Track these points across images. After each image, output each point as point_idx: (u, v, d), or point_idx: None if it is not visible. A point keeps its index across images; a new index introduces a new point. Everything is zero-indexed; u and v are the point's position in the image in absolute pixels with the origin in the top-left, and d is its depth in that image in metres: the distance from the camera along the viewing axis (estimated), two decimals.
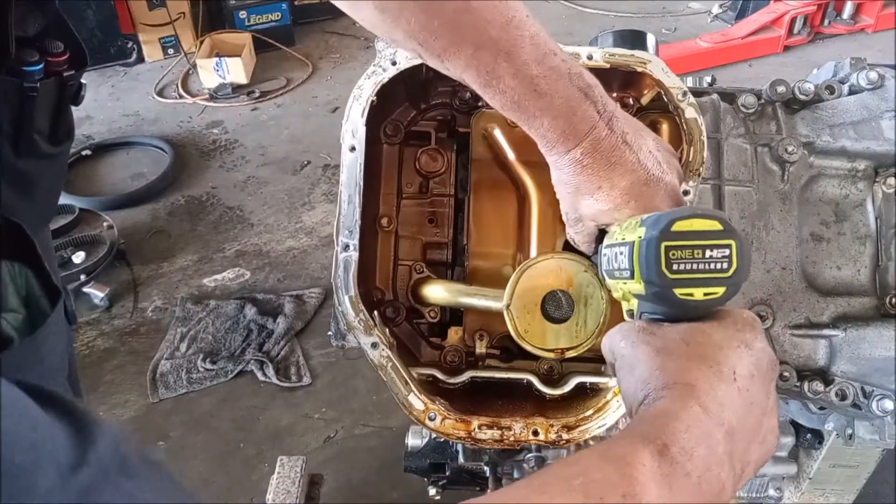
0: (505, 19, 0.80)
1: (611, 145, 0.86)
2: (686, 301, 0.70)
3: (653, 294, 0.73)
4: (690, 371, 0.68)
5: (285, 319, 3.09)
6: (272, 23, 5.22)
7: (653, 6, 5.75)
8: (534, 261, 0.99)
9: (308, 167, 4.13)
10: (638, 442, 0.62)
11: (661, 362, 0.70)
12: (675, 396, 0.66)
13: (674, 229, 0.70)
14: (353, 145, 1.01)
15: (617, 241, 0.79)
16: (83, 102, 1.16)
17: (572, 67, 0.85)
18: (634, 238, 0.73)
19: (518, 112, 0.85)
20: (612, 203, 0.88)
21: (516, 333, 0.99)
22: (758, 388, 0.70)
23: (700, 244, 0.70)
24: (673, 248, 0.70)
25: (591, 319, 0.98)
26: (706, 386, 0.66)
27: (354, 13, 0.85)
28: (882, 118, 1.16)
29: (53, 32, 1.06)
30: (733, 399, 0.67)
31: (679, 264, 0.70)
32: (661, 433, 0.62)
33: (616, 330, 0.78)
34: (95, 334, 3.14)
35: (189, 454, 2.65)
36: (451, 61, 0.82)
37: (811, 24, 5.21)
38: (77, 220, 3.47)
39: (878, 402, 1.11)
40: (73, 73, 1.09)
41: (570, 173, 0.88)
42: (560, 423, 0.99)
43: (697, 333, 0.72)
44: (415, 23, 0.80)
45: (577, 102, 0.84)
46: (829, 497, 1.64)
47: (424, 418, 0.96)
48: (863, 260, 1.16)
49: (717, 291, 0.70)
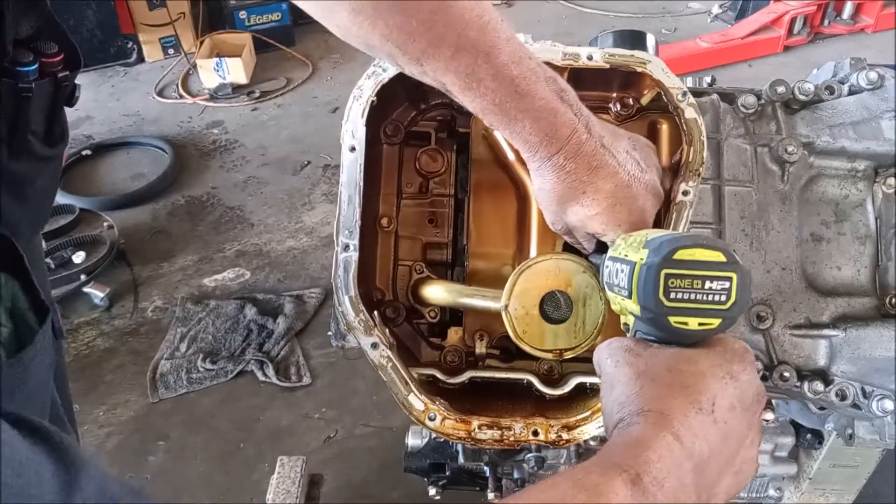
0: (482, 21, 0.80)
1: (592, 149, 0.86)
2: (680, 329, 0.71)
3: (648, 318, 0.73)
4: (667, 399, 0.68)
5: (285, 319, 3.09)
6: (272, 23, 5.22)
7: (653, 6, 5.75)
8: (532, 261, 0.99)
9: (308, 167, 4.13)
10: (611, 470, 0.62)
11: (640, 387, 0.70)
12: (649, 424, 0.66)
13: (676, 257, 0.70)
14: (353, 145, 1.01)
15: (620, 257, 0.79)
16: (83, 102, 1.15)
17: (546, 71, 0.85)
18: (636, 259, 0.74)
19: (499, 115, 0.84)
20: (598, 207, 0.88)
21: (514, 334, 0.99)
22: (737, 421, 0.70)
23: (700, 275, 0.70)
24: (672, 277, 0.70)
25: (589, 320, 0.98)
26: (681, 415, 0.67)
27: (328, 18, 0.83)
28: (882, 118, 1.16)
29: (46, 33, 1.06)
30: (707, 430, 0.67)
31: (677, 293, 0.70)
32: (634, 462, 0.63)
33: (605, 346, 0.78)
34: (95, 334, 3.14)
35: (189, 454, 2.65)
36: (430, 64, 0.81)
37: (811, 25, 5.21)
38: (77, 220, 3.47)
39: (878, 402, 1.11)
40: (67, 73, 1.08)
41: (553, 180, 0.87)
42: (560, 424, 0.99)
43: (683, 360, 0.72)
44: (392, 24, 0.79)
45: (556, 105, 0.84)
46: (829, 497, 1.64)
47: (424, 418, 0.96)
48: (863, 260, 1.16)
49: (712, 323, 0.71)
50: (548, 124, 0.84)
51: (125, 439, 2.71)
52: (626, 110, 1.13)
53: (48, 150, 1.09)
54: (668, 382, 0.69)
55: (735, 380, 0.71)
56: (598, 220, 0.90)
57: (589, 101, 0.94)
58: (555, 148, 0.85)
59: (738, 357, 0.73)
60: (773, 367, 1.12)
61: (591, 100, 1.10)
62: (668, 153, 1.12)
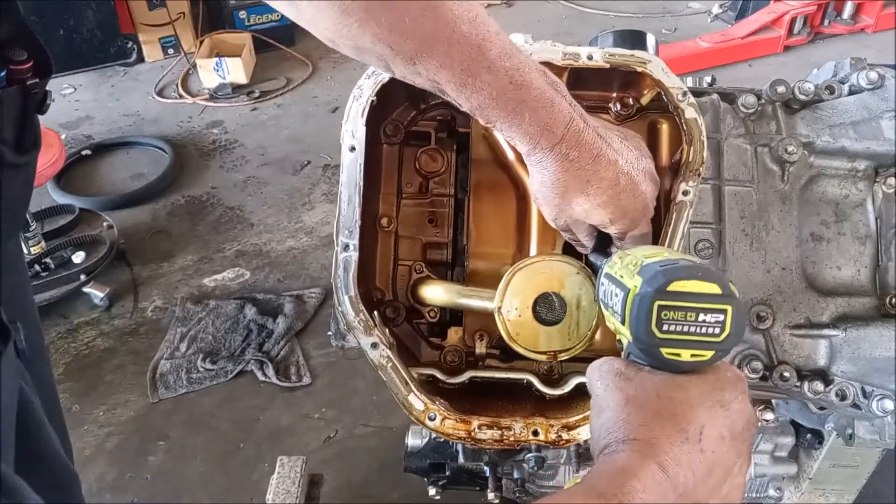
0: (471, 15, 0.79)
1: (591, 138, 0.86)
2: (672, 361, 0.71)
3: (639, 348, 0.73)
4: (654, 428, 0.67)
5: (285, 319, 3.09)
6: (272, 23, 5.21)
7: (653, 6, 5.75)
8: (525, 262, 0.99)
9: (308, 167, 4.13)
10: (596, 499, 0.62)
11: (627, 413, 0.70)
12: (635, 452, 0.66)
13: (670, 289, 0.69)
14: (352, 145, 1.01)
15: (616, 277, 0.78)
16: (83, 102, 1.15)
17: (536, 63, 0.85)
18: (630, 286, 0.73)
19: (497, 109, 0.83)
20: (603, 196, 0.88)
21: (508, 336, 0.98)
22: (726, 450, 0.69)
23: (695, 307, 0.69)
24: (666, 309, 0.69)
25: (583, 322, 0.98)
26: (666, 445, 0.66)
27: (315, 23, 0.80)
28: (882, 118, 1.16)
29: (19, 41, 1.05)
30: (693, 460, 0.66)
31: (670, 325, 0.69)
32: (619, 491, 0.63)
33: (597, 367, 0.77)
34: (95, 334, 3.14)
35: (189, 454, 2.65)
36: (423, 62, 0.80)
37: (811, 24, 5.21)
38: (77, 220, 3.47)
39: (878, 402, 1.11)
40: (36, 81, 1.07)
41: (557, 171, 0.87)
42: (560, 423, 0.99)
43: (673, 387, 0.71)
44: (384, 23, 0.77)
45: (551, 95, 0.83)
46: (829, 497, 1.64)
47: (424, 418, 0.96)
48: (863, 260, 1.16)
49: (705, 355, 0.70)
50: (546, 114, 0.83)
51: (125, 439, 2.71)
52: (626, 110, 1.13)
53: (19, 158, 1.07)
54: (656, 410, 0.69)
55: (725, 409, 0.70)
56: (603, 210, 0.89)
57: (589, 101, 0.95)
58: (556, 137, 0.84)
59: (730, 385, 0.72)
60: (773, 367, 1.12)
61: (591, 100, 1.11)
62: (668, 153, 1.12)
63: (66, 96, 4.73)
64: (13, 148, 1.06)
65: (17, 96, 1.05)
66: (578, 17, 5.64)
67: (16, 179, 1.09)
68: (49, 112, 1.17)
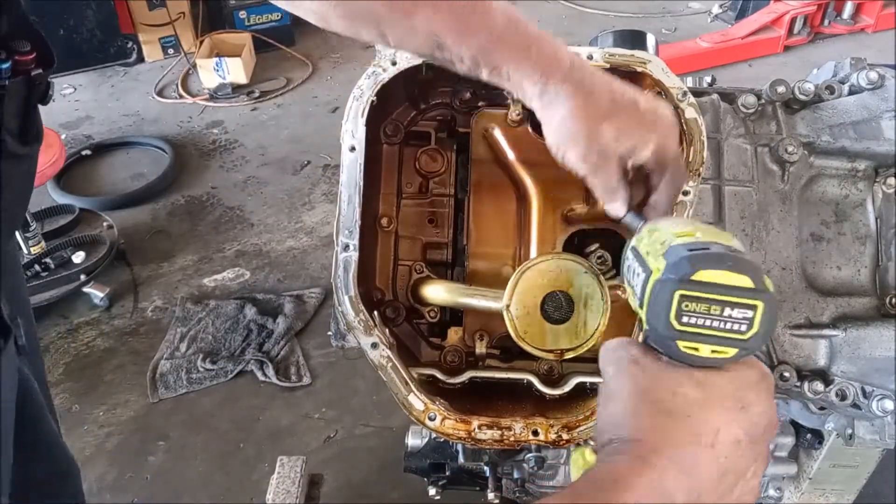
0: None
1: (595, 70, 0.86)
2: (689, 355, 0.64)
3: (655, 339, 0.67)
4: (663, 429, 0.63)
5: (285, 319, 3.09)
6: (272, 23, 5.21)
7: (653, 6, 5.75)
8: (534, 261, 0.99)
9: (308, 167, 4.13)
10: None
11: (635, 407, 0.65)
12: (637, 458, 0.62)
13: (695, 278, 0.62)
14: (352, 145, 1.01)
15: (641, 254, 0.71)
16: (83, 102, 1.16)
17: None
18: (654, 268, 0.67)
19: (502, 49, 0.82)
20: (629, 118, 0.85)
21: (516, 334, 0.99)
22: (740, 455, 0.64)
23: (721, 300, 0.62)
24: (688, 299, 0.62)
25: (590, 320, 0.98)
26: (674, 449, 0.62)
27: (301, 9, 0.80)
28: (882, 118, 1.16)
29: (20, 33, 1.06)
30: (703, 466, 0.62)
31: (690, 317, 0.63)
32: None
33: (611, 349, 0.71)
34: (95, 334, 3.14)
35: (189, 454, 2.65)
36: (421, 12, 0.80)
37: (811, 24, 5.21)
38: (77, 220, 3.47)
39: (878, 402, 1.11)
40: (40, 72, 1.09)
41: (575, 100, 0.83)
42: (560, 423, 0.99)
43: (690, 383, 0.65)
44: None
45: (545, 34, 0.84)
46: (829, 497, 1.63)
47: (424, 418, 0.96)
48: (863, 260, 1.16)
49: (727, 352, 0.64)
50: (550, 46, 0.83)
51: (125, 439, 2.71)
52: None
53: (22, 149, 1.09)
54: (669, 409, 0.64)
55: (745, 411, 0.64)
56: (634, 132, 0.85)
57: None
58: (566, 65, 0.83)
59: (753, 384, 0.66)
60: (773, 367, 1.12)
61: None
62: None
63: (66, 96, 4.73)
64: (17, 138, 1.07)
65: (21, 87, 1.06)
66: (578, 17, 5.64)
67: (19, 170, 1.11)
68: (49, 112, 1.17)
